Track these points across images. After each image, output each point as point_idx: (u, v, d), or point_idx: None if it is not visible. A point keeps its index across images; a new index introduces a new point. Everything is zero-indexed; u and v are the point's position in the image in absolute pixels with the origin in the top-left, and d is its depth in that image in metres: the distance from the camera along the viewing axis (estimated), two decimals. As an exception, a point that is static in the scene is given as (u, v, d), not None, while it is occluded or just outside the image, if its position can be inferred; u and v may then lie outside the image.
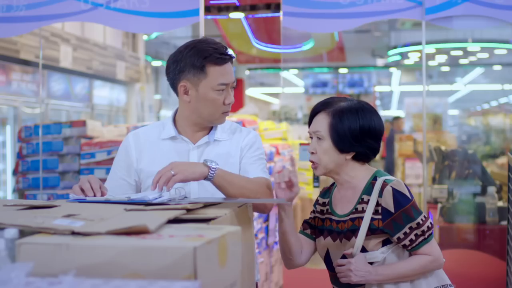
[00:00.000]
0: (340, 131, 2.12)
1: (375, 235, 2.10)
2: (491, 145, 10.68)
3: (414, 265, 2.09)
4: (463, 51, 12.85)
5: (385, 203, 2.08)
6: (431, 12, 3.79)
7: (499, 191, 5.18)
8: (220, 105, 2.19)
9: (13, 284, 1.03)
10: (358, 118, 2.13)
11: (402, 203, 2.08)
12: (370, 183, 2.15)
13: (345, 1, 3.83)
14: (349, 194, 2.19)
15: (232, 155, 2.25)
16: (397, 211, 2.07)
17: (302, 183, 7.43)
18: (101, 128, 4.94)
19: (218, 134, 2.28)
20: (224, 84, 2.17)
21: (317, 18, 3.86)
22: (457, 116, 21.43)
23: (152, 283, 1.06)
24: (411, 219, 2.07)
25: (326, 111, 2.16)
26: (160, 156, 2.23)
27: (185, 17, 3.88)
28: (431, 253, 2.10)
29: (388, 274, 2.07)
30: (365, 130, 2.13)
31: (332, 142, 2.13)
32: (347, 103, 2.17)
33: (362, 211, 2.13)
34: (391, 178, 2.14)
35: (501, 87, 18.86)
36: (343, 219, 2.18)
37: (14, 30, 4.06)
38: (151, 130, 2.32)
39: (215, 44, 2.19)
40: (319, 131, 2.15)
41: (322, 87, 15.94)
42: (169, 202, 1.78)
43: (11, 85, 8.00)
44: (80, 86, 10.12)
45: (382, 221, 2.08)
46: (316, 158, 2.17)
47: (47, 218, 1.41)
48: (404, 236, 2.07)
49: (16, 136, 5.18)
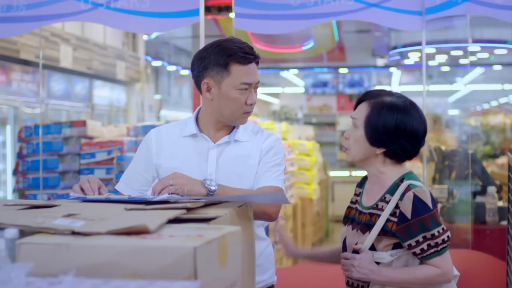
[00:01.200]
0: (374, 124, 2.11)
1: (386, 237, 2.08)
2: (491, 145, 10.68)
3: (419, 275, 2.06)
4: (463, 51, 12.84)
5: (404, 207, 2.05)
6: (431, 12, 3.79)
7: (499, 191, 5.18)
8: (241, 105, 2.19)
9: (13, 284, 1.03)
10: (396, 115, 2.10)
11: (420, 211, 2.04)
12: (396, 184, 2.12)
13: (296, 3, 3.82)
14: (375, 188, 2.19)
15: (251, 156, 2.24)
16: (413, 218, 2.04)
17: (302, 183, 7.44)
18: (101, 128, 4.95)
19: (239, 134, 2.27)
20: (247, 83, 2.16)
21: (269, 19, 3.86)
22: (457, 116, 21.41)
23: (152, 283, 1.06)
24: (427, 229, 2.04)
25: (369, 102, 2.15)
26: (179, 153, 2.24)
27: (185, 17, 3.88)
28: (441, 266, 2.06)
29: (391, 277, 2.05)
30: (400, 129, 2.10)
31: (365, 133, 2.13)
32: (392, 98, 2.14)
33: (381, 209, 2.11)
34: (417, 183, 2.10)
35: (501, 87, 18.85)
36: (364, 211, 2.18)
37: (14, 30, 4.06)
38: (173, 127, 2.33)
39: (240, 43, 2.19)
40: (356, 119, 2.16)
41: (322, 87, 15.93)
42: (170, 199, 1.78)
43: (11, 85, 8.00)
44: (80, 86, 10.12)
45: (397, 224, 2.06)
46: (348, 144, 2.18)
47: (47, 218, 1.41)
48: (416, 244, 2.04)
49: (16, 136, 5.18)
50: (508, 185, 3.59)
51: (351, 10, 3.80)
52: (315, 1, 3.80)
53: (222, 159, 2.24)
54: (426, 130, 2.17)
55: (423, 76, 4.17)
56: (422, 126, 2.14)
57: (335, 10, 3.80)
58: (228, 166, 2.23)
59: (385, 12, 3.79)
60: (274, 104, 19.88)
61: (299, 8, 3.81)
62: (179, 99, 15.93)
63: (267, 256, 2.33)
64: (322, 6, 3.80)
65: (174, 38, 13.07)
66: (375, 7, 3.78)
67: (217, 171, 2.22)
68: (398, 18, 3.81)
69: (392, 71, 16.69)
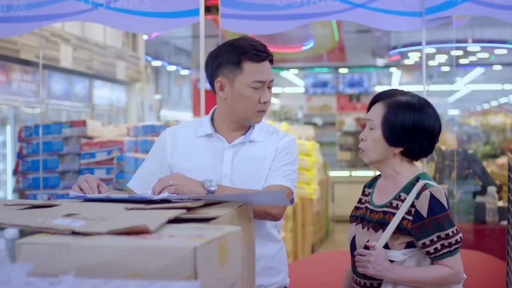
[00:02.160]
0: (392, 124, 2.12)
1: (401, 235, 2.09)
2: (491, 145, 10.67)
3: (432, 274, 2.07)
4: (463, 51, 12.84)
5: (420, 206, 2.07)
6: (431, 12, 3.79)
7: (499, 191, 5.17)
8: (255, 103, 2.18)
9: (13, 284, 1.03)
10: (413, 114, 2.12)
11: (436, 210, 2.06)
12: (411, 183, 2.14)
13: (282, 3, 3.82)
14: (389, 187, 2.20)
15: (266, 157, 2.23)
16: (429, 217, 2.05)
17: (302, 183, 7.43)
18: (101, 128, 4.95)
19: (254, 135, 2.26)
20: (260, 81, 2.16)
21: (255, 19, 3.86)
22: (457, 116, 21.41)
23: (152, 283, 1.06)
24: (442, 229, 2.05)
25: (384, 102, 2.17)
26: (194, 153, 2.24)
27: (185, 17, 3.88)
28: (453, 266, 2.07)
29: (405, 275, 2.06)
30: (418, 128, 2.12)
31: (383, 133, 2.14)
32: (406, 97, 2.16)
33: (396, 207, 2.12)
34: (433, 183, 2.13)
35: (501, 87, 18.85)
36: (376, 209, 2.18)
37: (14, 30, 4.06)
38: (188, 127, 2.33)
39: (254, 41, 2.19)
40: (372, 120, 2.17)
41: (322, 87, 15.93)
42: (170, 198, 1.78)
43: (11, 85, 8.00)
44: (80, 86, 10.12)
45: (412, 223, 2.07)
46: (365, 146, 2.19)
47: (47, 218, 1.41)
48: (430, 243, 2.06)
49: (16, 136, 5.18)
50: (508, 185, 3.58)
51: (338, 11, 3.80)
52: (301, 1, 3.80)
53: (237, 159, 2.23)
54: (441, 127, 2.19)
55: (423, 76, 4.17)
56: (438, 124, 2.17)
57: (321, 11, 3.80)
58: (243, 167, 2.22)
59: (371, 12, 3.79)
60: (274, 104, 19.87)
61: (285, 8, 3.81)
62: (179, 99, 15.92)
63: (280, 258, 2.33)
64: (308, 6, 3.80)
65: (174, 38, 13.06)
66: (361, 7, 3.78)
67: (232, 171, 2.21)
68: (384, 18, 3.81)
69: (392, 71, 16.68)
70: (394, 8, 3.78)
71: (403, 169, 2.18)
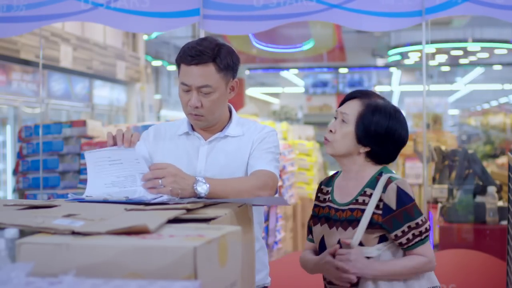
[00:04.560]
0: (367, 123, 2.13)
1: (373, 229, 2.11)
2: (491, 145, 10.67)
3: (409, 265, 2.10)
4: (463, 51, 12.85)
5: (388, 199, 2.10)
6: (431, 12, 3.79)
7: (499, 191, 5.17)
8: (185, 105, 2.21)
9: (13, 284, 1.03)
10: (388, 120, 2.14)
11: (404, 201, 2.09)
12: (375, 178, 2.16)
13: (258, 4, 3.83)
14: (351, 184, 2.21)
15: (242, 150, 2.24)
16: (398, 209, 2.09)
17: (302, 183, 7.43)
18: (101, 128, 4.95)
19: (230, 130, 2.28)
20: (185, 84, 2.17)
21: (233, 20, 3.87)
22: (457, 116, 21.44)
23: (152, 283, 1.06)
24: (411, 218, 2.09)
25: (363, 100, 2.18)
26: (173, 151, 2.27)
27: (185, 17, 3.88)
28: (426, 254, 2.11)
29: (383, 270, 2.09)
30: (390, 134, 2.15)
31: (355, 130, 2.15)
32: (383, 102, 2.19)
33: (363, 203, 2.14)
34: (396, 176, 2.16)
35: (501, 87, 18.86)
36: (342, 208, 2.19)
37: (14, 30, 4.06)
38: (172, 126, 2.37)
39: (195, 44, 2.18)
40: (347, 114, 2.17)
41: (322, 87, 15.95)
42: (169, 202, 1.77)
43: (11, 85, 8.00)
44: (80, 86, 10.12)
45: (382, 216, 2.10)
46: (332, 138, 2.19)
47: (47, 218, 1.41)
48: (402, 234, 2.09)
49: (16, 136, 5.18)
50: (508, 185, 3.58)
51: (314, 11, 3.80)
52: (277, 2, 3.81)
53: (211, 155, 2.25)
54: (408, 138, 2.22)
55: (423, 76, 4.17)
56: (407, 134, 2.21)
57: (297, 11, 3.81)
58: (217, 161, 2.23)
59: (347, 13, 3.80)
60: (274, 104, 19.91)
61: (262, 9, 3.82)
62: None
63: (259, 258, 2.30)
64: (284, 7, 3.81)
65: (174, 38, 13.07)
66: (337, 8, 3.79)
67: (207, 167, 2.22)
68: (360, 19, 3.81)
69: (392, 71, 16.69)
70: (369, 9, 3.79)
71: (365, 167, 2.20)
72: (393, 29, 4.05)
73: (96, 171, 1.95)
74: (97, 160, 1.95)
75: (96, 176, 1.95)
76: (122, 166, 1.91)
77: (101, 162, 1.95)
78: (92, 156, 1.97)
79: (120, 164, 1.91)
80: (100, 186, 1.93)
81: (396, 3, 3.79)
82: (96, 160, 1.96)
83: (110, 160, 1.92)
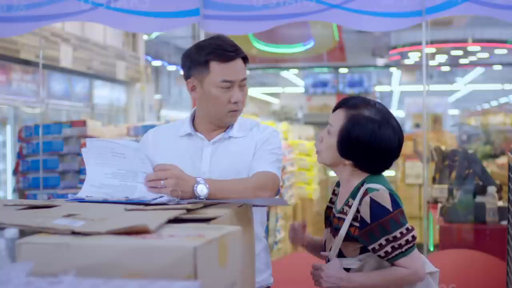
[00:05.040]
0: (347, 137, 2.06)
1: (351, 242, 2.06)
2: (491, 145, 10.66)
3: (388, 277, 2.03)
4: (463, 51, 12.85)
5: (363, 212, 2.03)
6: (431, 12, 3.79)
7: (499, 191, 5.17)
8: (225, 103, 2.16)
9: (13, 284, 1.03)
10: (371, 132, 2.04)
11: (378, 215, 2.00)
12: (357, 187, 2.10)
13: (258, 4, 3.83)
14: (343, 192, 2.17)
15: (246, 152, 2.22)
16: (373, 222, 2.00)
17: (302, 183, 7.43)
18: (101, 128, 4.95)
19: (234, 131, 2.25)
20: (228, 81, 2.14)
21: (232, 20, 3.87)
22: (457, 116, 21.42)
23: (152, 283, 1.06)
24: (388, 232, 1.99)
25: (346, 112, 2.09)
26: (175, 152, 2.23)
27: (185, 17, 3.88)
28: (409, 266, 2.01)
29: (361, 282, 2.03)
30: (372, 146, 2.05)
31: (337, 143, 2.09)
32: (370, 112, 2.07)
33: (346, 213, 2.10)
34: (375, 186, 2.05)
35: (501, 87, 18.86)
36: (336, 214, 2.17)
37: (14, 30, 4.06)
38: (171, 127, 2.34)
39: (222, 41, 2.17)
40: (332, 126, 2.12)
41: (322, 87, 15.94)
42: (169, 202, 1.77)
43: (11, 85, 8.00)
44: (80, 86, 10.13)
45: (359, 229, 2.04)
46: (319, 147, 2.16)
47: (47, 218, 1.41)
48: (379, 247, 2.01)
49: (16, 136, 5.18)
50: (508, 185, 3.58)
51: (313, 11, 3.81)
52: (277, 2, 3.81)
53: (216, 156, 2.23)
54: (401, 145, 2.11)
55: (423, 76, 4.17)
56: (396, 142, 2.09)
57: (296, 12, 3.81)
58: (221, 163, 2.21)
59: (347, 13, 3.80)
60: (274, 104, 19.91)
61: (261, 9, 3.83)
62: (179, 99, 15.93)
63: (263, 258, 2.30)
64: (284, 7, 3.81)
65: (174, 38, 13.07)
66: (337, 8, 3.79)
67: (211, 168, 2.20)
68: (360, 19, 3.81)
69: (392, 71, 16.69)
70: (369, 9, 3.79)
71: (353, 176, 2.13)
72: (393, 29, 4.05)
73: (97, 159, 1.93)
74: (99, 149, 1.93)
75: (97, 164, 1.93)
76: (126, 160, 1.89)
77: (103, 152, 1.92)
78: (94, 145, 1.95)
79: (123, 158, 1.90)
80: (100, 175, 1.91)
81: (396, 3, 3.79)
82: (98, 148, 1.93)
83: (113, 151, 1.90)
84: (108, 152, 1.91)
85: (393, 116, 2.14)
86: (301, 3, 3.80)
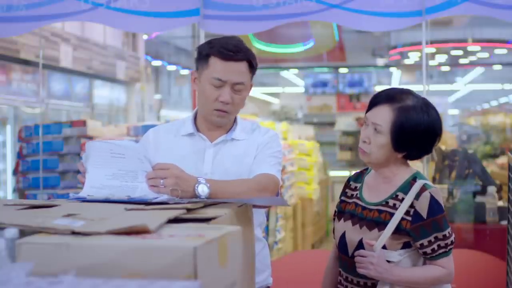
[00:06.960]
0: (402, 130, 2.07)
1: (399, 235, 2.08)
2: (491, 145, 10.66)
3: (428, 275, 2.07)
4: (463, 51, 12.84)
5: (420, 207, 2.06)
6: (431, 12, 3.79)
7: (499, 191, 5.17)
8: (212, 100, 2.16)
9: (13, 284, 1.03)
10: (424, 117, 2.08)
11: (435, 211, 2.06)
12: (408, 182, 2.12)
13: (258, 4, 3.84)
14: (383, 185, 2.17)
15: (248, 155, 2.22)
16: (428, 218, 2.05)
17: (302, 182, 7.43)
18: (101, 128, 4.96)
19: (236, 133, 2.25)
20: (219, 79, 2.14)
21: (232, 20, 3.87)
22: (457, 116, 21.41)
23: (152, 283, 1.06)
24: (440, 230, 2.06)
25: (391, 106, 2.10)
26: (176, 152, 2.22)
27: (185, 17, 3.88)
28: (447, 267, 2.08)
29: (402, 276, 2.06)
30: (430, 130, 2.09)
31: (391, 139, 2.09)
32: (413, 100, 2.11)
33: (393, 207, 2.10)
34: (430, 184, 2.12)
35: (501, 87, 18.85)
36: (370, 207, 2.15)
37: (14, 30, 4.05)
38: (172, 127, 2.33)
39: (229, 40, 2.18)
40: (379, 125, 2.10)
41: (322, 87, 15.94)
42: (169, 201, 1.77)
43: (11, 85, 8.00)
44: (80, 86, 10.13)
45: (411, 223, 2.06)
46: (368, 149, 2.13)
47: (47, 218, 1.41)
48: (428, 244, 2.06)
49: (16, 136, 5.18)
50: (508, 185, 3.59)
51: (313, 11, 3.81)
52: (277, 2, 3.82)
53: (218, 158, 2.22)
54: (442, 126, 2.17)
55: (423, 76, 4.17)
56: (441, 124, 2.15)
57: (297, 12, 3.81)
58: (224, 165, 2.21)
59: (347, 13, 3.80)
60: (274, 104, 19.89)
61: (261, 9, 3.83)
62: (179, 99, 15.93)
63: (263, 258, 2.30)
64: (284, 7, 3.81)
65: (174, 38, 13.07)
66: (337, 8, 3.80)
67: (213, 170, 2.20)
68: (360, 19, 3.81)
69: (392, 71, 16.69)
70: (369, 9, 3.79)
71: (399, 171, 2.16)
72: (393, 29, 4.05)
73: (96, 161, 1.93)
74: (98, 151, 1.93)
75: (97, 166, 1.93)
76: (125, 160, 1.89)
77: (102, 153, 1.92)
78: (93, 146, 1.95)
79: (122, 159, 1.89)
80: (100, 176, 1.91)
81: (396, 3, 3.79)
82: (97, 150, 1.94)
83: (112, 152, 1.90)
84: (107, 153, 1.91)
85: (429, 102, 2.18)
86: (301, 3, 3.81)
